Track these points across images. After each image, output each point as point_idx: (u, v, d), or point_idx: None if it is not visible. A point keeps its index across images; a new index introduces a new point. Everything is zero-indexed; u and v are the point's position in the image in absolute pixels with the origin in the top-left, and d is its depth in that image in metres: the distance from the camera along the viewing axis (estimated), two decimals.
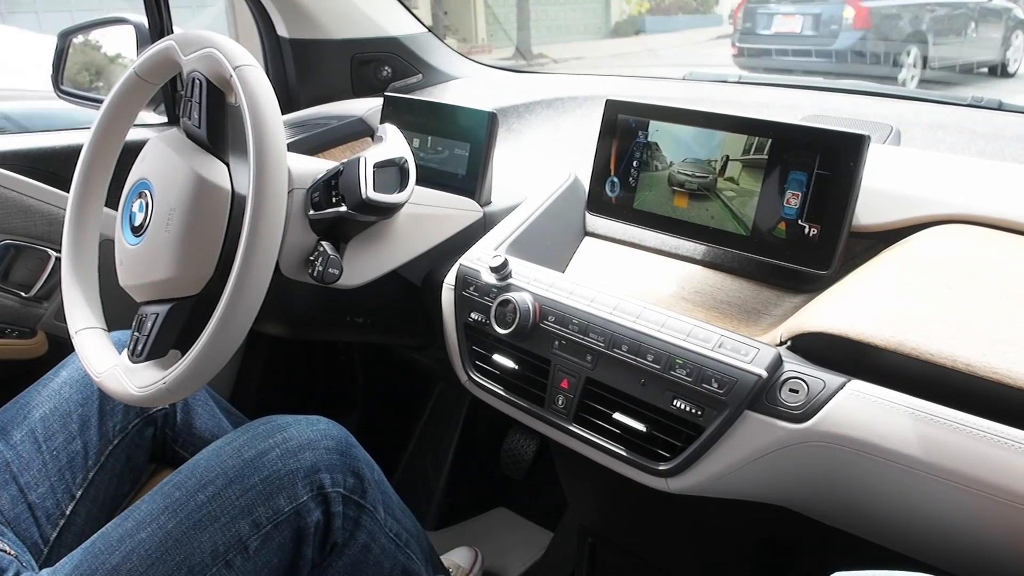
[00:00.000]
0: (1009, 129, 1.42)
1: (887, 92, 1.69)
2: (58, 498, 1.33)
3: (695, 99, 1.81)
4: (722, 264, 1.32)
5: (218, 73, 1.14)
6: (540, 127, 1.90)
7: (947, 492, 0.92)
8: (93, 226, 1.35)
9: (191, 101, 1.19)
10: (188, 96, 1.19)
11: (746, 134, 1.19)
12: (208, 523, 1.15)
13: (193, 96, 1.19)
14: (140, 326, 1.20)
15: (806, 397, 1.00)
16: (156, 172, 1.22)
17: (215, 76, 1.16)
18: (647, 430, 1.13)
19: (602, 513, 1.69)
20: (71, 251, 1.33)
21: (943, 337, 0.94)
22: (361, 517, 1.26)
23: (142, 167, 1.26)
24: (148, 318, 1.19)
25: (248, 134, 1.08)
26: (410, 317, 1.51)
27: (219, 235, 1.17)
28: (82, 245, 1.33)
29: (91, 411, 1.40)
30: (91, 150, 1.32)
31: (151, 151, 1.26)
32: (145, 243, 1.20)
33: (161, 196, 1.19)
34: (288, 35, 2.13)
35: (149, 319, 1.19)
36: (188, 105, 1.20)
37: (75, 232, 1.33)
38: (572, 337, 1.20)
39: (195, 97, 1.18)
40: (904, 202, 1.17)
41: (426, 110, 1.59)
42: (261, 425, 1.26)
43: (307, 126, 1.89)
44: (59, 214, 1.76)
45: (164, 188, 1.19)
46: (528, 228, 1.42)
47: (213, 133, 1.19)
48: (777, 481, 1.07)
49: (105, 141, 1.32)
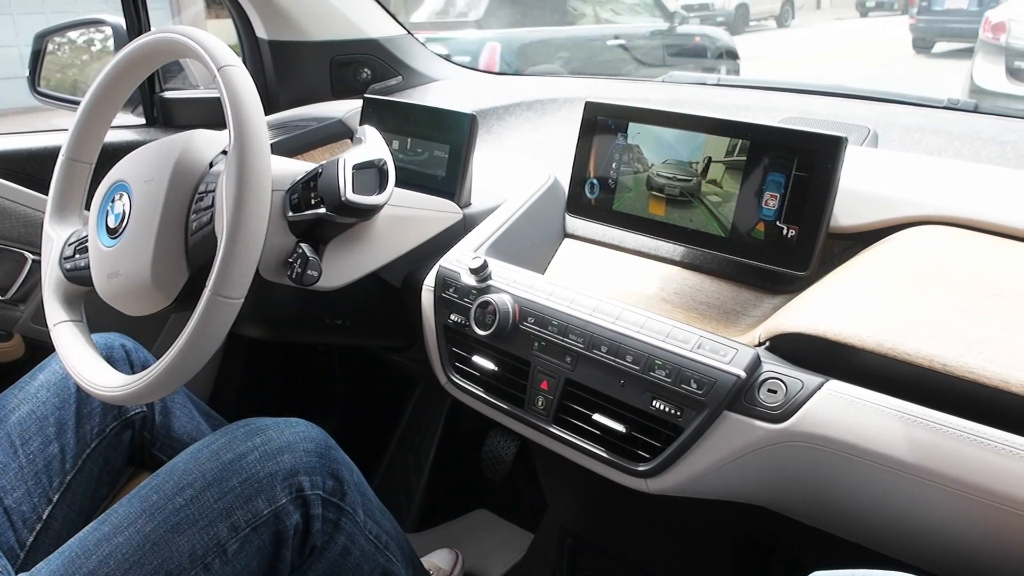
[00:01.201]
0: (985, 131, 1.43)
1: (864, 94, 1.69)
2: (35, 502, 1.32)
3: (674, 101, 1.81)
4: (701, 265, 1.33)
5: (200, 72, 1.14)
6: (520, 129, 1.90)
7: (924, 491, 0.93)
8: (73, 219, 1.34)
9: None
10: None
11: (724, 136, 1.20)
12: (186, 526, 1.15)
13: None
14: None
15: (784, 397, 1.00)
16: (134, 171, 1.22)
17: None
18: (626, 431, 1.13)
19: (582, 514, 1.70)
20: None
21: (920, 337, 0.95)
22: (340, 519, 1.25)
23: (119, 170, 1.25)
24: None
25: (231, 134, 1.07)
26: (390, 319, 1.51)
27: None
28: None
29: (68, 414, 1.39)
30: (71, 145, 1.32)
31: (129, 157, 1.25)
32: (122, 245, 1.19)
33: (140, 194, 1.18)
34: (267, 36, 2.12)
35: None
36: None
37: (55, 225, 1.33)
38: (552, 338, 1.20)
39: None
40: (881, 203, 1.18)
41: (406, 112, 1.59)
42: (240, 428, 1.26)
43: (286, 128, 1.88)
44: (36, 216, 1.75)
45: (143, 183, 1.18)
46: (508, 230, 1.42)
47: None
48: (756, 481, 1.08)
49: (86, 136, 1.32)
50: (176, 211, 1.17)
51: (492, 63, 6.55)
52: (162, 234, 1.16)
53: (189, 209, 1.17)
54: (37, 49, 2.06)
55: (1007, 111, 1.52)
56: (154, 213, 1.17)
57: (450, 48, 6.53)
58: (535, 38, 7.12)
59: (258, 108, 1.10)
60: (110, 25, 1.98)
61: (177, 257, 1.17)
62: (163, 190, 1.17)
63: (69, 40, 2.20)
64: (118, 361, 1.47)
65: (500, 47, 6.67)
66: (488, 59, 6.60)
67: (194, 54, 1.14)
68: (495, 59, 6.61)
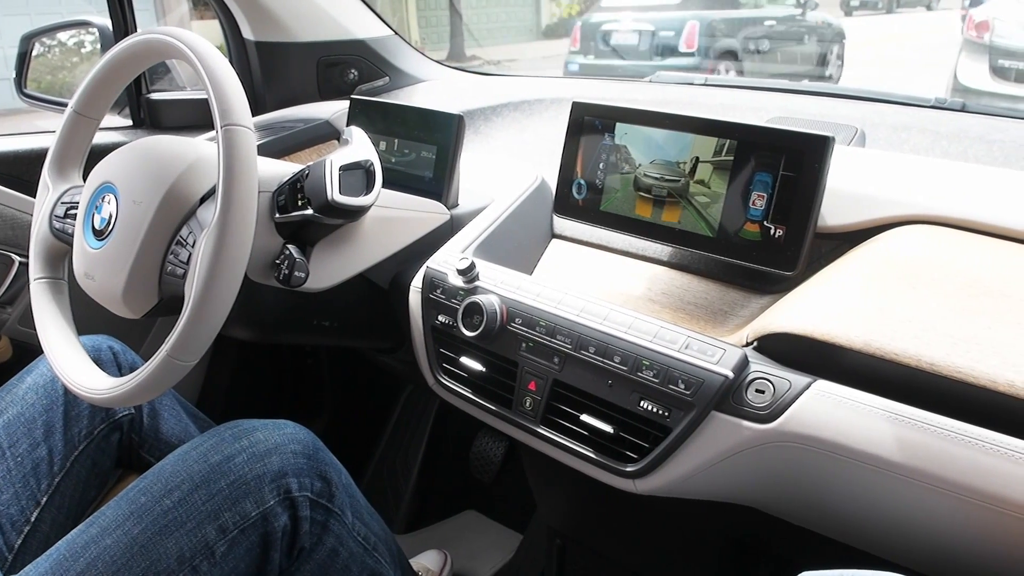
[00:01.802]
0: (972, 130, 1.43)
1: (852, 94, 1.70)
2: (23, 505, 1.32)
3: (660, 101, 1.82)
4: (689, 265, 1.33)
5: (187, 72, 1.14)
6: (507, 129, 1.90)
7: (912, 491, 0.93)
8: (76, 171, 1.34)
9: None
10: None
11: (711, 136, 1.20)
12: (174, 528, 1.14)
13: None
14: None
15: (772, 397, 1.01)
16: (125, 179, 1.21)
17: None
18: (614, 431, 1.13)
19: (571, 515, 1.69)
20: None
21: (908, 337, 0.95)
22: (329, 521, 1.25)
23: (107, 171, 1.24)
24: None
25: (219, 135, 1.07)
26: (377, 320, 1.51)
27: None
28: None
29: (56, 417, 1.38)
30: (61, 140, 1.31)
31: (114, 156, 1.25)
32: (103, 251, 1.19)
33: (126, 211, 1.18)
34: (254, 37, 2.11)
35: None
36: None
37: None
38: (539, 339, 1.20)
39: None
40: (869, 203, 1.18)
41: (393, 113, 1.59)
42: (228, 430, 1.26)
43: (273, 129, 1.88)
44: (23, 218, 1.74)
45: (132, 203, 1.18)
46: (495, 230, 1.42)
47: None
48: (744, 481, 1.08)
49: (75, 135, 1.31)
50: (156, 244, 1.15)
51: (692, 38, 8.50)
52: (139, 261, 1.15)
53: (168, 247, 1.16)
54: (23, 51, 2.05)
55: (994, 110, 1.53)
56: (135, 238, 1.16)
57: (656, 25, 8.67)
58: (720, 17, 9.13)
59: (252, 179, 1.08)
60: (96, 27, 1.97)
61: (150, 283, 1.16)
62: (148, 218, 1.15)
63: (60, 42, 2.19)
64: (106, 363, 1.47)
65: (699, 24, 8.59)
66: (689, 34, 8.52)
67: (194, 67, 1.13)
68: (695, 34, 8.52)
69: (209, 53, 1.11)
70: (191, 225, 1.16)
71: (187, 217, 1.17)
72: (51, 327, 1.25)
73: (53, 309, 1.28)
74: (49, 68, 2.19)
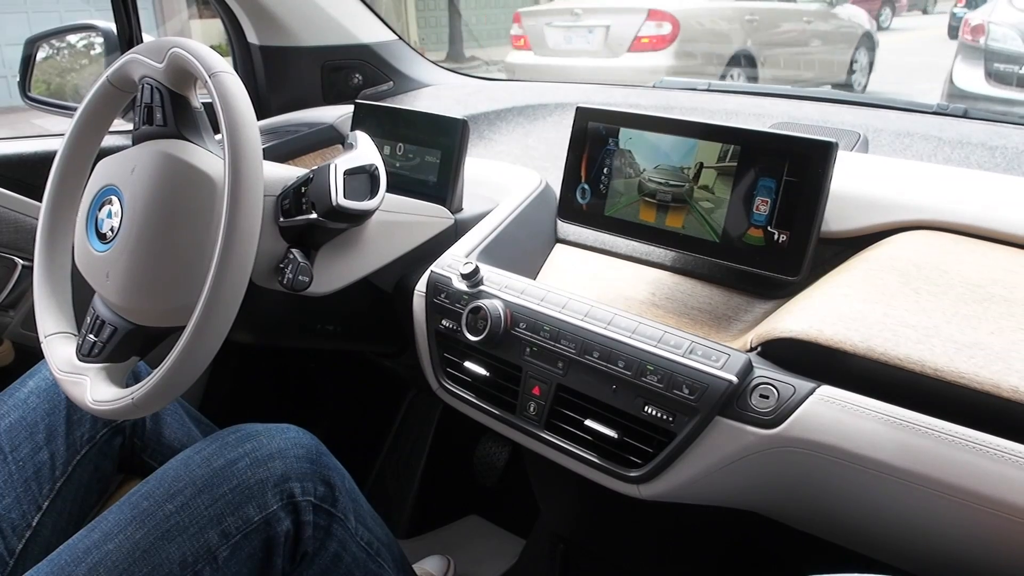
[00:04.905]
0: (975, 136, 1.43)
1: (855, 100, 1.70)
2: (24, 509, 1.32)
3: (664, 106, 1.82)
4: (693, 270, 1.33)
5: (188, 79, 1.14)
6: (511, 134, 1.90)
7: (916, 496, 0.93)
8: (67, 233, 1.33)
9: (152, 106, 1.19)
10: (149, 102, 1.19)
11: (715, 141, 1.20)
12: (176, 533, 1.14)
13: (153, 101, 1.18)
14: (96, 329, 1.20)
15: (776, 402, 1.00)
16: (126, 175, 1.21)
17: (182, 82, 1.16)
18: (618, 436, 1.13)
19: (574, 520, 1.69)
20: (44, 257, 1.31)
21: (911, 342, 0.95)
22: (332, 526, 1.25)
23: (107, 174, 1.24)
24: (106, 327, 1.19)
25: (225, 141, 1.07)
26: (381, 324, 1.51)
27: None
28: (55, 251, 1.32)
29: (58, 421, 1.38)
30: (65, 158, 1.31)
31: (117, 159, 1.25)
32: (115, 249, 1.19)
33: (132, 197, 1.18)
34: (258, 42, 2.12)
35: (107, 329, 1.19)
36: (149, 110, 1.19)
37: (49, 239, 1.32)
38: (543, 344, 1.20)
39: (155, 101, 1.18)
40: (872, 208, 1.18)
41: (397, 117, 1.59)
42: (231, 434, 1.25)
43: (277, 133, 1.88)
44: (26, 222, 1.74)
45: (136, 187, 1.18)
46: (499, 235, 1.42)
47: (185, 127, 1.20)
48: (748, 486, 1.08)
49: (79, 149, 1.31)
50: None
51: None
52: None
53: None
54: (28, 54, 2.05)
55: (996, 116, 1.53)
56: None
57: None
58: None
59: (251, 114, 1.09)
60: (101, 31, 1.97)
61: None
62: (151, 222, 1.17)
63: (68, 44, 2.19)
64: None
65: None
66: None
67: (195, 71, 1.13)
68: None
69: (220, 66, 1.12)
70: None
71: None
72: (65, 370, 1.25)
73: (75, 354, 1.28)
74: (58, 70, 2.18)
